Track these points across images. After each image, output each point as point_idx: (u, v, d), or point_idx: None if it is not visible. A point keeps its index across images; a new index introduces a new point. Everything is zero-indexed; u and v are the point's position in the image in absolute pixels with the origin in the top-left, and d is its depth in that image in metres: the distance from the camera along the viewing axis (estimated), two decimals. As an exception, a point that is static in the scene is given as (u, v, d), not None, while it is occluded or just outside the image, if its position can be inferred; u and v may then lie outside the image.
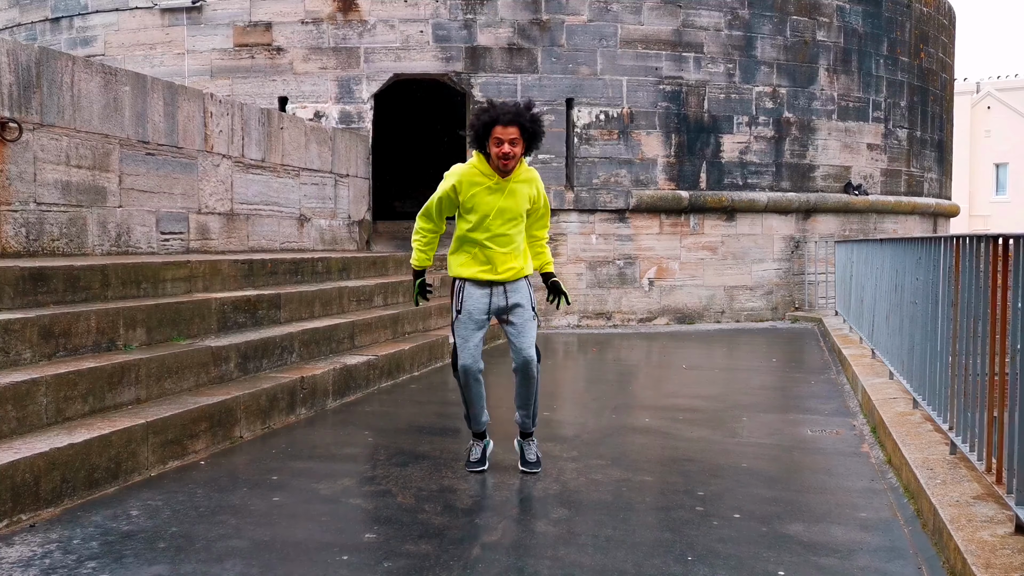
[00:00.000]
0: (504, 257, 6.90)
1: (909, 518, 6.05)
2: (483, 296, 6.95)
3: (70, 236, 9.58)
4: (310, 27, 17.66)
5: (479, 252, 6.92)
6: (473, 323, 6.96)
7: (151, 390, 7.55)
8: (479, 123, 6.76)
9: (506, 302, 6.96)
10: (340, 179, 15.89)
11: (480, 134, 6.77)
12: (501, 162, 6.72)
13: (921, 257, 8.06)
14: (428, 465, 7.30)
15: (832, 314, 18.21)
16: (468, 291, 6.97)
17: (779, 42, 19.47)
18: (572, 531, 5.74)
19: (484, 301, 6.94)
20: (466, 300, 6.95)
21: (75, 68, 9.71)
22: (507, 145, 6.67)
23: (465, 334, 6.97)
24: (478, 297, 6.94)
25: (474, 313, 6.94)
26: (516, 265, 6.96)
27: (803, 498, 6.56)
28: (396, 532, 5.69)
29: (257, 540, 5.50)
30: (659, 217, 18.53)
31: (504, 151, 6.67)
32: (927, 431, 7.34)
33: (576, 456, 7.64)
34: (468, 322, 6.95)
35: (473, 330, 6.97)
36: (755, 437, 8.54)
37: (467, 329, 6.97)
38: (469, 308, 6.95)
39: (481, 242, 6.89)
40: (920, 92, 22.69)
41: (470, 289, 6.96)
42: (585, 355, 14.59)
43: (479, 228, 6.87)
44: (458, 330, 7.02)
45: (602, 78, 18.08)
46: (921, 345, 7.88)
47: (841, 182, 20.45)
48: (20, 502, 5.63)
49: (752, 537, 5.66)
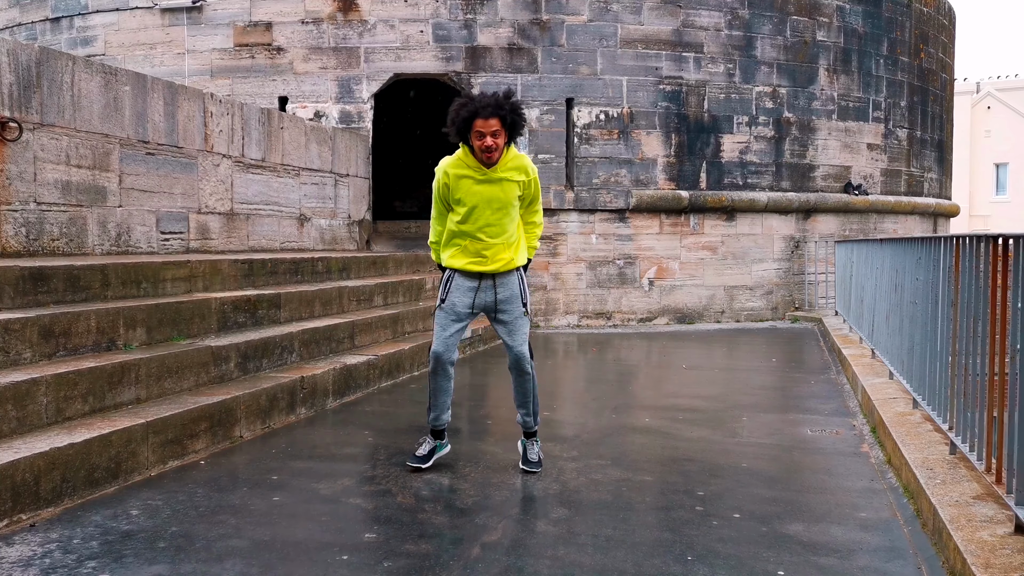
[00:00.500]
0: (496, 247, 6.90)
1: (909, 518, 6.05)
2: (470, 290, 6.96)
3: (70, 236, 9.58)
4: (310, 27, 17.65)
5: (469, 244, 6.92)
6: (454, 315, 6.97)
7: (151, 390, 7.55)
8: (459, 117, 6.74)
9: (494, 297, 6.96)
10: (340, 179, 15.89)
11: (461, 128, 6.75)
12: (484, 155, 6.73)
13: (921, 257, 8.06)
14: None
15: (832, 314, 18.21)
16: (456, 283, 6.98)
17: (779, 42, 19.46)
18: (572, 531, 5.74)
19: (470, 296, 6.96)
20: (452, 292, 6.97)
21: (75, 68, 9.71)
22: (489, 138, 6.66)
23: (444, 323, 6.99)
24: (465, 291, 6.96)
25: (457, 305, 6.96)
26: (507, 256, 6.95)
27: (803, 498, 6.56)
28: (396, 532, 5.69)
29: (257, 540, 5.50)
30: (659, 217, 18.52)
31: (487, 144, 6.67)
32: (927, 431, 7.34)
33: (576, 456, 7.64)
34: (450, 313, 6.97)
35: (452, 321, 6.98)
36: (755, 437, 8.54)
37: (447, 319, 6.99)
38: (453, 300, 6.97)
39: (471, 233, 6.89)
40: (920, 92, 22.69)
41: (458, 281, 6.98)
42: (585, 355, 14.58)
43: (468, 219, 6.88)
44: (438, 319, 7.03)
45: (602, 78, 18.07)
46: (921, 345, 7.87)
47: (841, 182, 20.45)
48: (20, 502, 5.64)
49: (752, 537, 5.66)
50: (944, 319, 7.03)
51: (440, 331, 6.99)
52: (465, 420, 9.26)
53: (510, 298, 6.99)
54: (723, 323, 18.95)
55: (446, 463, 7.32)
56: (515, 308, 6.99)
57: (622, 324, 18.34)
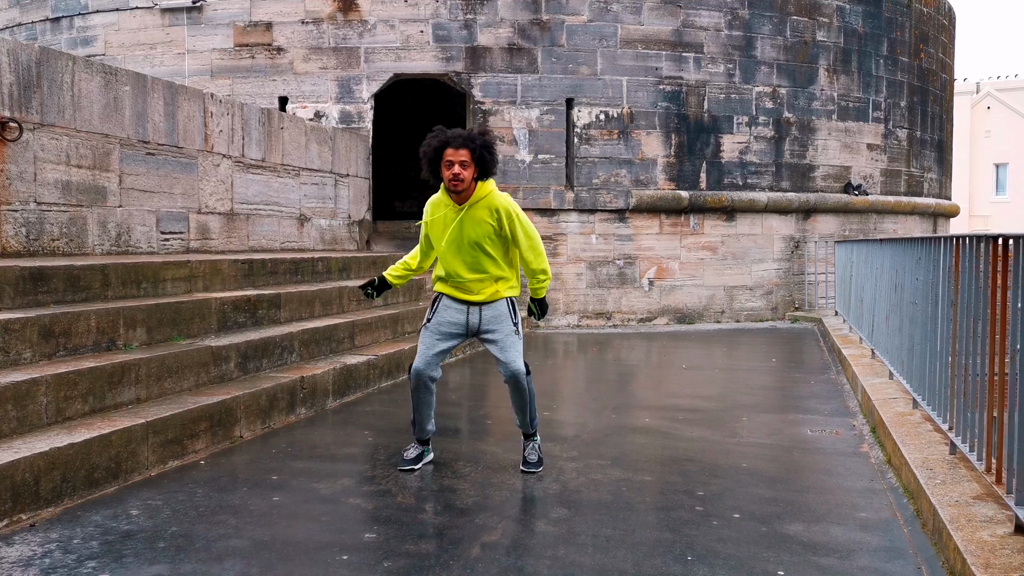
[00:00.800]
0: (476, 283, 6.87)
1: (909, 518, 6.05)
2: (458, 312, 6.92)
3: (70, 236, 9.59)
4: (310, 27, 17.65)
5: (453, 277, 6.89)
6: (439, 334, 6.94)
7: (151, 390, 7.56)
8: (430, 148, 6.71)
9: (479, 317, 6.91)
10: (340, 179, 15.89)
11: (432, 159, 6.72)
12: (451, 183, 6.65)
13: (921, 257, 8.07)
14: (428, 465, 7.29)
15: (832, 314, 18.22)
16: (444, 303, 6.97)
17: (779, 42, 19.46)
18: (572, 531, 5.74)
19: (460, 317, 6.92)
20: (439, 311, 6.95)
21: (75, 68, 9.72)
22: (457, 167, 6.61)
23: (428, 341, 6.95)
24: (453, 312, 6.93)
25: (443, 325, 6.93)
26: (491, 289, 6.91)
27: (803, 498, 6.56)
28: (396, 532, 5.69)
29: (257, 540, 5.50)
30: (659, 217, 18.53)
31: (454, 172, 6.61)
32: (927, 431, 7.34)
33: (576, 456, 7.64)
34: (435, 331, 6.95)
35: (436, 340, 6.95)
36: (755, 437, 8.54)
37: (431, 337, 6.96)
38: (440, 319, 6.94)
39: (450, 269, 6.88)
40: (920, 92, 22.70)
41: (446, 302, 6.96)
42: (585, 355, 14.59)
43: (446, 255, 6.87)
44: (423, 336, 7.00)
45: (602, 78, 18.07)
46: (921, 345, 7.88)
47: (841, 182, 20.45)
48: (20, 502, 5.64)
49: (752, 537, 5.67)
50: (944, 319, 7.04)
51: (424, 349, 6.96)
52: (465, 420, 9.27)
53: (498, 317, 6.91)
54: (723, 323, 18.96)
55: (445, 462, 7.32)
56: (504, 326, 6.91)
57: (622, 324, 18.35)
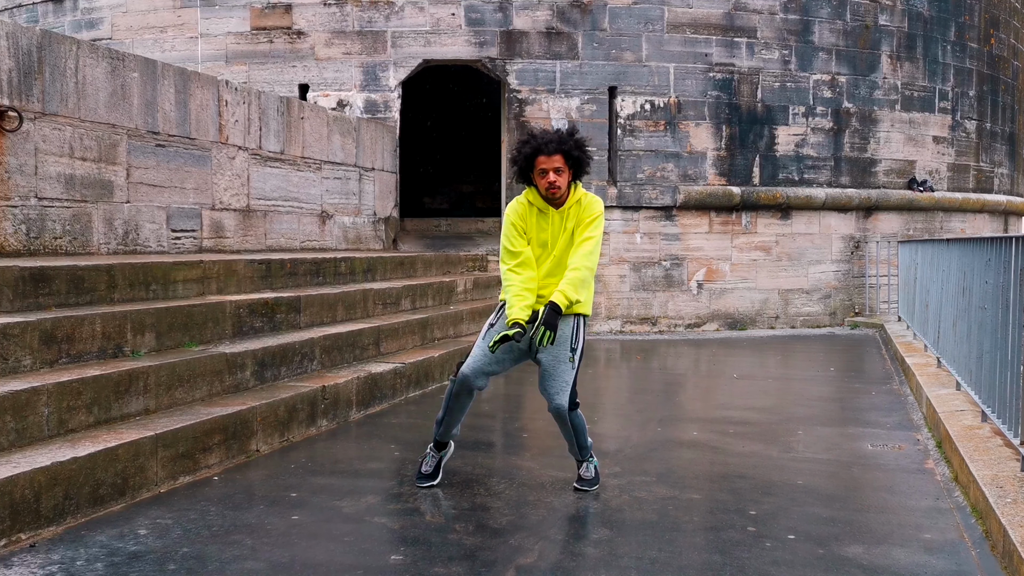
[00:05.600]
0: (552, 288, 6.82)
1: (977, 540, 6.01)
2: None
3: (74, 234, 9.62)
4: (333, 9, 17.65)
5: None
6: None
7: (161, 400, 7.56)
8: (521, 156, 6.80)
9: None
10: (365, 173, 15.91)
11: (523, 167, 6.80)
12: (549, 192, 6.73)
13: (991, 258, 8.00)
14: (459, 481, 7.27)
15: (895, 320, 18.13)
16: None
17: (838, 27, 19.36)
18: (614, 553, 5.72)
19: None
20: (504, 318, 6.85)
21: (80, 53, 9.75)
22: (552, 174, 6.68)
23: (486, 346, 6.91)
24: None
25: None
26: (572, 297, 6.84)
27: (863, 518, 6.52)
28: (424, 553, 5.68)
29: (274, 562, 5.50)
30: (708, 215, 18.45)
31: (550, 180, 6.69)
32: (996, 446, 7.29)
33: (619, 472, 7.61)
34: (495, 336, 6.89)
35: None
36: (811, 452, 8.50)
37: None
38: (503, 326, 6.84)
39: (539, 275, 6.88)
40: (990, 81, 22.55)
41: None
42: (628, 363, 14.56)
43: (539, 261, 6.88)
44: (481, 340, 6.97)
45: (647, 65, 18.00)
46: (991, 353, 7.81)
47: (904, 177, 20.33)
48: (19, 520, 5.65)
49: (808, 560, 5.63)
50: (1016, 325, 6.97)
51: (479, 354, 6.87)
52: (499, 433, 9.26)
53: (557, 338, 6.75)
54: (777, 329, 18.88)
55: (478, 478, 7.31)
56: (561, 351, 6.79)
57: (668, 330, 18.29)
